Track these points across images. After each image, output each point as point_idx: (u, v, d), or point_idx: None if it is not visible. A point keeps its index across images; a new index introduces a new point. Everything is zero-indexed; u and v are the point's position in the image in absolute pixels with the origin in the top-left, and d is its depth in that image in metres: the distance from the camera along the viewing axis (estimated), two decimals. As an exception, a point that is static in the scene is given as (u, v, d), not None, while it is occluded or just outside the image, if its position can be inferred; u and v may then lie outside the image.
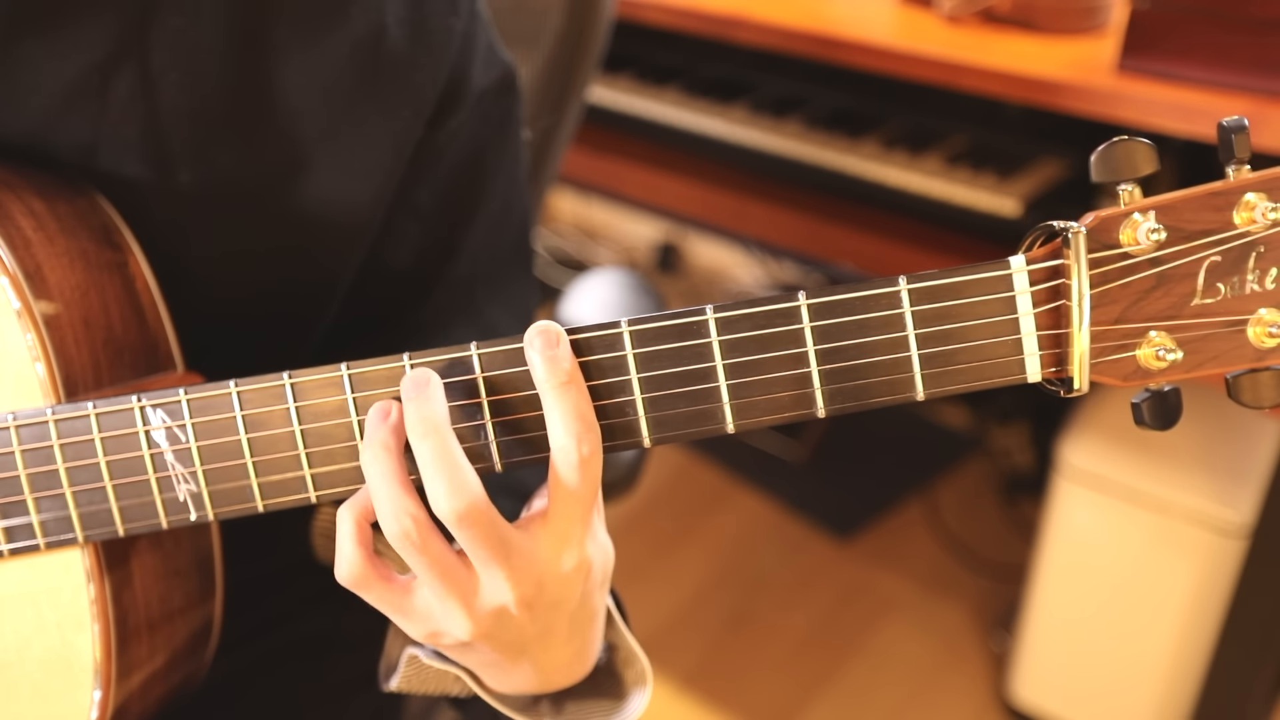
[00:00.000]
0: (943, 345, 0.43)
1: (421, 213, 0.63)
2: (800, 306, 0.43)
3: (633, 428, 0.45)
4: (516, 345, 0.44)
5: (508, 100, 0.65)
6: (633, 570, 1.77)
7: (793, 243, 1.34)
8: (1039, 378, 0.43)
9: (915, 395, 0.43)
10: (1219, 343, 0.42)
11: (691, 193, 1.41)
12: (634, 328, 0.44)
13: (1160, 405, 0.43)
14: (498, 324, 0.68)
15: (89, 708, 0.52)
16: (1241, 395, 0.43)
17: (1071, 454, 1.34)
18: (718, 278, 2.49)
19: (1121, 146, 0.41)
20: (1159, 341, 0.42)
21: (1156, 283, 0.41)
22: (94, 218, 0.54)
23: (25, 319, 0.49)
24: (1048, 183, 1.23)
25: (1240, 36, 0.99)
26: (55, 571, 0.51)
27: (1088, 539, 1.36)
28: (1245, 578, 1.20)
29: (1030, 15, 1.21)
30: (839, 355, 0.43)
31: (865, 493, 1.95)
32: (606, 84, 1.49)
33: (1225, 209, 0.41)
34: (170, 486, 0.48)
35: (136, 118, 0.54)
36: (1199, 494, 1.26)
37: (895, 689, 1.58)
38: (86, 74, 0.53)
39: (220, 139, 0.56)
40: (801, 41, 1.23)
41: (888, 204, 1.28)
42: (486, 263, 0.67)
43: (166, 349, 0.55)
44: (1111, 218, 0.41)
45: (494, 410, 0.45)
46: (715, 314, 0.43)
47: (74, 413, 0.48)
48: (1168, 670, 1.34)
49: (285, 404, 0.46)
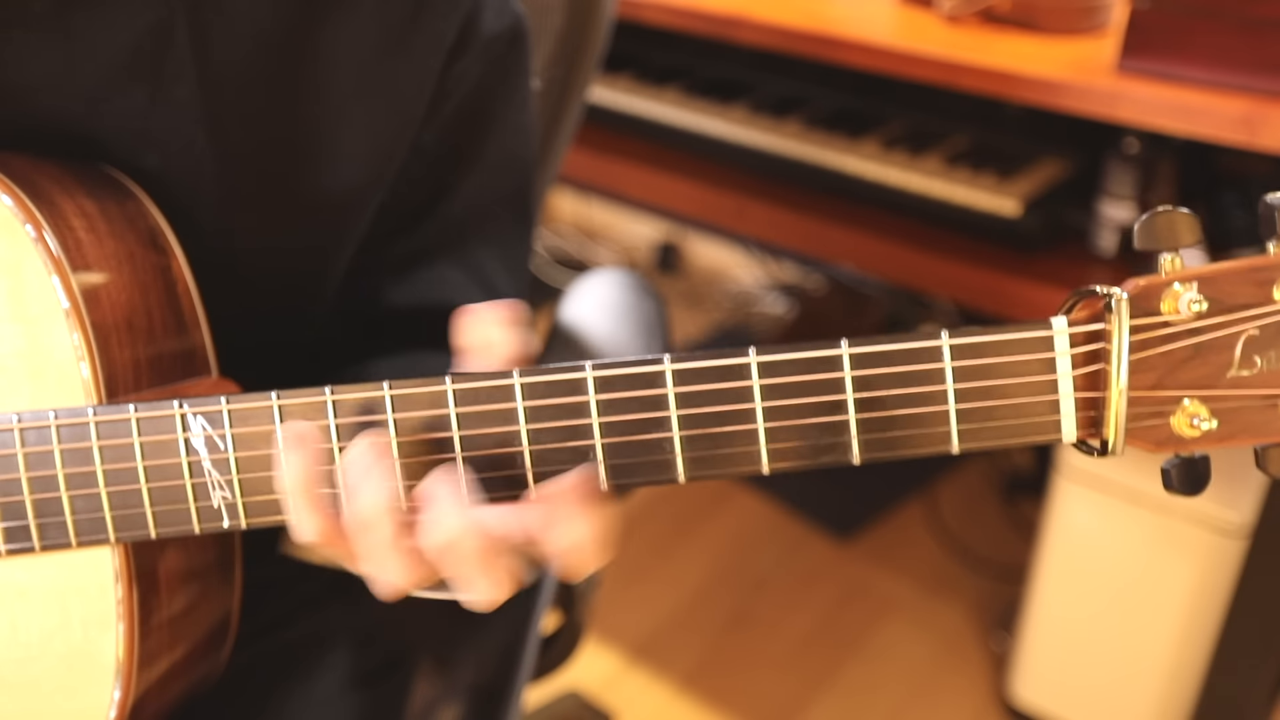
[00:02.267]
0: (981, 401, 0.43)
1: (424, 151, 0.65)
2: (842, 355, 0.43)
3: (669, 465, 0.45)
4: (557, 378, 0.44)
5: (517, 50, 0.66)
6: (633, 570, 1.77)
7: (793, 243, 1.34)
8: (1074, 439, 0.43)
9: (950, 449, 0.43)
10: (1252, 415, 0.42)
11: (691, 193, 1.41)
12: (676, 366, 0.44)
13: (1190, 472, 0.44)
14: (485, 266, 0.68)
15: (108, 706, 0.52)
16: (1270, 467, 0.44)
17: (1071, 454, 1.34)
18: (718, 278, 2.49)
19: (1164, 217, 0.41)
20: (1193, 410, 0.42)
21: (1194, 352, 0.42)
22: (141, 220, 0.55)
23: (73, 319, 0.50)
24: (1048, 183, 1.23)
25: (1240, 36, 0.99)
26: (83, 569, 0.51)
27: (1088, 539, 1.36)
28: (1245, 578, 1.20)
29: (1030, 15, 1.21)
30: (877, 405, 0.43)
31: (865, 493, 1.95)
32: (606, 84, 1.49)
33: (1266, 284, 0.41)
34: (205, 494, 0.48)
35: (187, 79, 0.55)
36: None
37: (895, 689, 1.58)
38: (140, 37, 0.54)
39: (264, 96, 0.57)
40: (801, 41, 1.23)
41: (888, 204, 1.28)
42: (482, 206, 0.68)
43: (203, 354, 0.56)
44: (1153, 286, 0.42)
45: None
46: (759, 357, 0.43)
47: (115, 415, 0.48)
48: (1168, 670, 1.34)
49: (325, 419, 0.46)
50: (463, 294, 0.67)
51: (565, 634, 0.92)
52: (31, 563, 0.52)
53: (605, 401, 0.44)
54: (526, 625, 0.88)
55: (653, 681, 1.58)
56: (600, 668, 1.58)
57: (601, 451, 0.45)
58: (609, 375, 0.44)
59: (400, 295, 0.67)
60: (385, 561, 0.44)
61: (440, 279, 0.67)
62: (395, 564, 0.44)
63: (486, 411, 0.45)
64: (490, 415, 0.45)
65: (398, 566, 0.44)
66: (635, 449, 0.45)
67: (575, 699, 1.53)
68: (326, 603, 0.71)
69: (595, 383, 0.44)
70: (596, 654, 1.60)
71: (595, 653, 1.60)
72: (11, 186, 0.50)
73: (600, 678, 1.57)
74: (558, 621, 0.93)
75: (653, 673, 1.59)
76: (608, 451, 0.45)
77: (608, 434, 0.45)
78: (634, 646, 1.62)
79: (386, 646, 0.74)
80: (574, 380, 0.44)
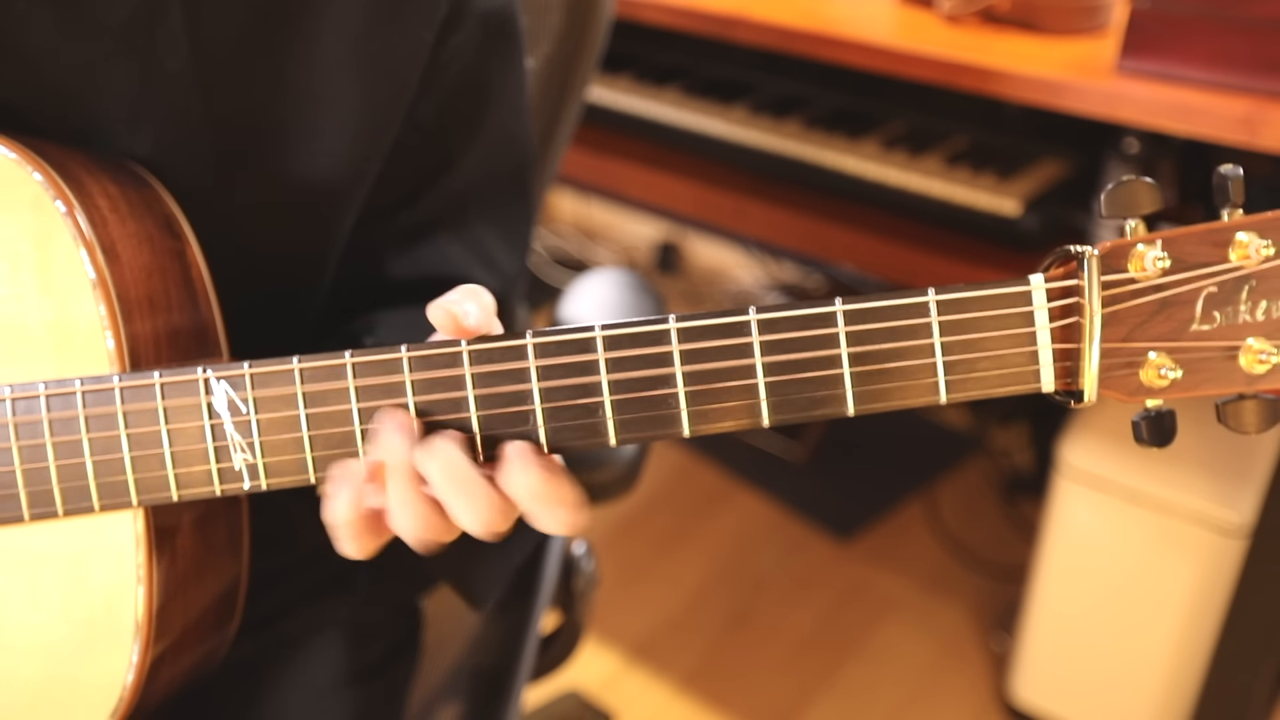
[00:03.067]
0: (965, 354, 0.46)
1: (422, 126, 0.66)
2: (836, 312, 0.46)
3: (674, 419, 0.47)
4: (569, 337, 0.46)
5: (510, 29, 0.68)
6: (633, 570, 1.77)
7: (793, 243, 1.34)
8: (1053, 387, 0.46)
9: (938, 399, 0.46)
10: (1214, 366, 0.46)
11: (691, 193, 1.41)
12: (680, 325, 0.46)
13: (1157, 425, 0.47)
14: (484, 240, 0.70)
15: (126, 669, 0.53)
16: (1228, 420, 0.47)
17: (1071, 454, 1.34)
18: (718, 278, 2.49)
19: (1126, 187, 0.45)
20: (1160, 361, 0.46)
21: (1159, 307, 0.45)
22: (158, 207, 0.57)
23: (99, 291, 0.52)
24: (1048, 183, 1.23)
25: (1240, 36, 0.99)
26: (105, 534, 0.53)
27: (1088, 539, 1.36)
28: (1245, 578, 1.20)
29: (1030, 15, 1.21)
30: (869, 359, 0.46)
31: (865, 493, 1.95)
32: (606, 84, 1.49)
33: (1222, 245, 0.45)
34: (227, 455, 0.50)
35: (180, 51, 0.57)
36: (1199, 494, 1.26)
37: (895, 689, 1.58)
38: (134, 10, 0.55)
39: (256, 67, 0.59)
40: (801, 41, 1.23)
41: (888, 204, 1.28)
42: (482, 182, 0.69)
43: (215, 336, 0.58)
44: (1121, 246, 0.45)
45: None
46: (758, 315, 0.46)
47: (140, 380, 0.50)
48: (1168, 670, 1.34)
49: (344, 381, 0.48)
50: (463, 268, 0.69)
51: (565, 634, 0.92)
52: (51, 528, 0.53)
53: (613, 360, 0.47)
54: (526, 625, 0.88)
55: (653, 681, 1.58)
56: (600, 668, 1.58)
57: (610, 408, 0.47)
58: (616, 334, 0.47)
59: (401, 267, 0.69)
60: (406, 509, 0.46)
61: (441, 253, 0.69)
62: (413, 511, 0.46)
63: (500, 371, 0.47)
64: (503, 374, 0.47)
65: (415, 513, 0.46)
66: (641, 404, 0.47)
67: (575, 699, 1.53)
68: (326, 595, 0.71)
69: (604, 341, 0.47)
70: (596, 654, 1.60)
71: (595, 653, 1.60)
72: (44, 165, 0.52)
73: (600, 678, 1.57)
74: (557, 621, 0.93)
75: (653, 673, 1.59)
76: (615, 407, 0.47)
77: (615, 391, 0.47)
78: (634, 646, 1.62)
79: (386, 640, 0.74)
80: (583, 339, 0.47)
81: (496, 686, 0.87)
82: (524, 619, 0.88)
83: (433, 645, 0.82)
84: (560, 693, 1.52)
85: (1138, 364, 0.46)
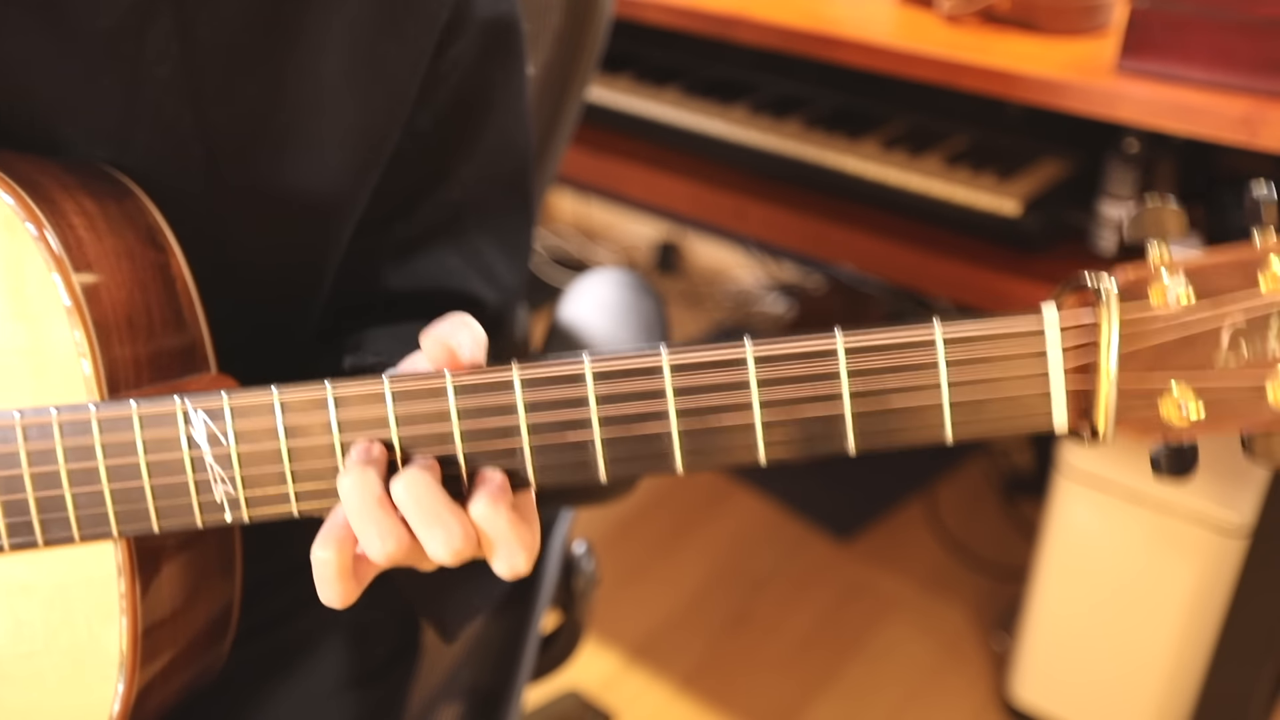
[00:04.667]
0: (973, 394, 0.44)
1: (419, 135, 0.65)
2: (837, 348, 0.44)
3: (667, 457, 0.45)
4: (557, 372, 0.46)
5: (511, 36, 0.66)
6: (633, 570, 1.77)
7: (792, 243, 1.34)
8: (1065, 428, 0.44)
9: (944, 439, 0.44)
10: (1239, 403, 0.43)
11: (691, 193, 1.41)
12: (674, 360, 0.44)
13: (1178, 459, 0.45)
14: (483, 252, 0.69)
15: (112, 700, 0.52)
16: (1256, 454, 0.44)
17: (1071, 454, 1.34)
18: (718, 278, 2.49)
19: (1152, 212, 0.43)
20: (1182, 399, 0.43)
21: (1182, 342, 0.43)
22: (140, 219, 0.55)
23: (75, 316, 0.50)
24: (1048, 183, 1.22)
25: (1240, 36, 0.99)
26: (87, 564, 0.52)
27: (1088, 539, 1.36)
28: (1245, 578, 1.20)
29: (1030, 15, 1.21)
30: (872, 397, 0.44)
31: (865, 493, 1.95)
32: (606, 84, 1.49)
33: (1251, 274, 0.42)
34: (207, 488, 0.49)
35: (171, 58, 0.56)
36: (1199, 494, 1.26)
37: (895, 689, 1.58)
38: (124, 16, 0.55)
39: (250, 76, 0.58)
40: (801, 41, 1.23)
41: (888, 204, 1.28)
42: (480, 192, 0.68)
43: (203, 350, 0.56)
44: (1142, 277, 0.43)
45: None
46: (755, 350, 0.44)
47: (117, 411, 0.49)
48: (1168, 670, 1.34)
49: (326, 414, 0.47)
50: (461, 280, 0.68)
51: (565, 634, 0.92)
52: (34, 558, 0.52)
53: (604, 394, 0.45)
54: (526, 625, 0.88)
55: (653, 681, 1.58)
56: (600, 668, 1.58)
57: (600, 445, 0.45)
58: (606, 369, 0.45)
59: (399, 280, 0.68)
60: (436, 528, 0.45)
61: (439, 265, 0.67)
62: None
63: (487, 405, 0.46)
64: (489, 409, 0.46)
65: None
66: (633, 443, 0.45)
67: (575, 699, 1.53)
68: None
69: (593, 376, 0.45)
70: (596, 654, 1.60)
71: (595, 653, 1.60)
72: (13, 186, 0.51)
73: (600, 678, 1.57)
74: (557, 621, 0.93)
75: (653, 673, 1.59)
76: (605, 445, 0.45)
77: (606, 427, 0.45)
78: (634, 646, 1.62)
79: (386, 642, 0.74)
80: (572, 374, 0.45)
81: (497, 687, 0.87)
82: (524, 619, 0.88)
83: (433, 646, 0.82)
84: (560, 693, 1.52)
85: (1157, 401, 0.43)
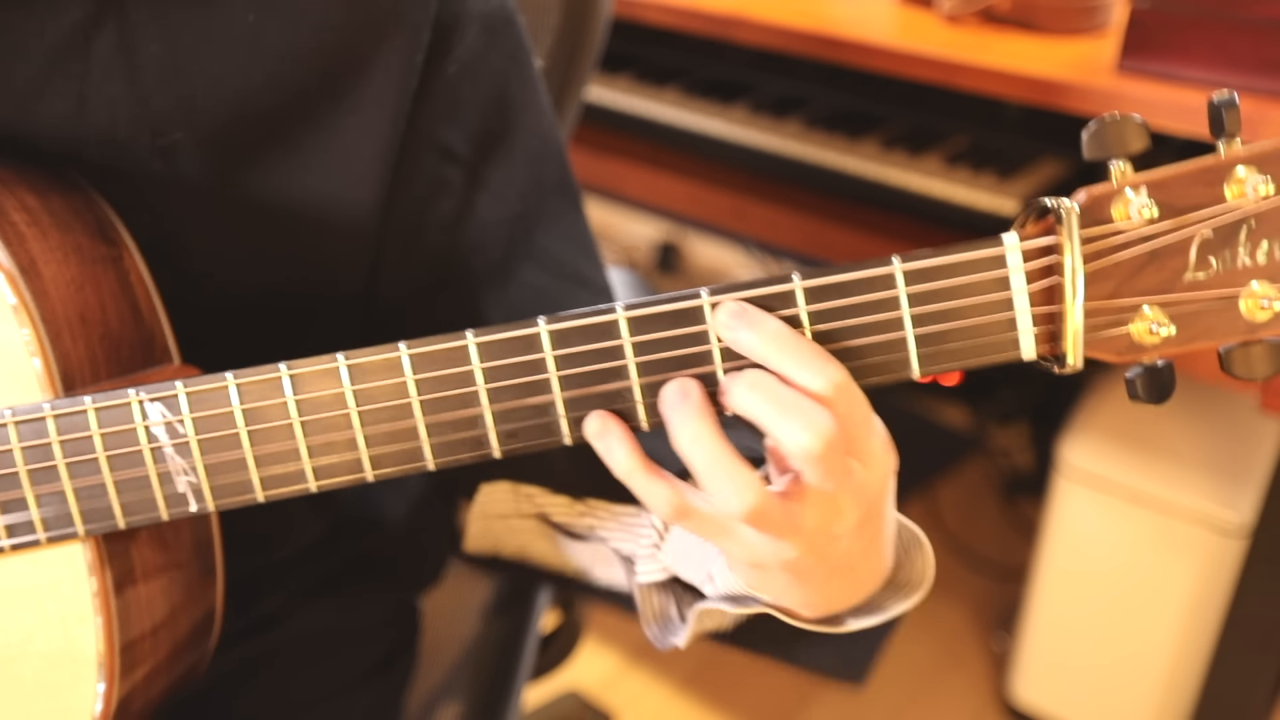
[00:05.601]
0: (937, 325, 0.43)
1: (455, 154, 0.62)
2: (795, 289, 0.43)
3: (631, 413, 0.45)
4: (510, 334, 0.45)
5: (513, 28, 0.64)
6: (633, 570, 1.76)
7: (793, 243, 1.34)
8: (1033, 355, 0.43)
9: (911, 374, 0.44)
10: (1212, 317, 0.42)
11: (691, 193, 1.41)
12: (630, 314, 0.44)
13: (1154, 380, 0.43)
14: (564, 259, 0.65)
15: (94, 701, 0.52)
16: (1234, 368, 0.43)
17: (1071, 454, 1.34)
18: (718, 278, 2.49)
19: (1112, 124, 0.41)
20: (1152, 316, 0.42)
21: (1149, 258, 0.42)
22: (89, 213, 0.54)
23: (22, 314, 0.49)
24: (1048, 183, 1.22)
25: (1240, 36, 0.99)
26: (56, 565, 0.51)
27: (1088, 539, 1.36)
28: (1245, 578, 1.20)
29: (1030, 15, 1.21)
30: (835, 337, 0.43)
31: (865, 493, 1.94)
32: (606, 84, 1.49)
33: (1216, 184, 0.41)
34: (170, 480, 0.48)
35: (120, 75, 0.53)
36: (1199, 494, 1.26)
37: (895, 689, 1.58)
38: (69, 34, 0.53)
39: (208, 93, 0.55)
40: (801, 41, 1.23)
41: (888, 204, 1.28)
42: (536, 198, 0.65)
43: (163, 342, 0.55)
44: (1104, 194, 0.42)
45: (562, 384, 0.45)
46: (710, 297, 0.43)
47: (72, 408, 0.48)
48: (1168, 670, 1.34)
49: (283, 396, 0.46)
50: (560, 297, 0.64)
51: (565, 633, 0.92)
52: (6, 562, 0.51)
53: (562, 356, 0.45)
54: (526, 625, 0.88)
55: (653, 681, 1.58)
56: (600, 668, 1.58)
57: (562, 404, 0.45)
58: (562, 329, 0.45)
59: (498, 315, 0.63)
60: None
61: (531, 288, 0.64)
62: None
63: (444, 376, 0.45)
64: (448, 379, 0.46)
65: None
66: (596, 400, 0.45)
67: (575, 699, 1.53)
68: (322, 599, 0.71)
69: (550, 336, 0.45)
70: (596, 654, 1.60)
71: (595, 653, 1.60)
72: None
73: (600, 678, 1.57)
74: (557, 621, 0.93)
75: (653, 673, 1.59)
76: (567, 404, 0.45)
77: (567, 387, 0.45)
78: (634, 646, 1.62)
79: (385, 641, 0.74)
80: (528, 336, 0.45)
81: (496, 686, 0.87)
82: (524, 619, 0.88)
83: (432, 645, 0.82)
84: (560, 693, 1.52)
85: (1126, 321, 0.42)
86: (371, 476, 0.47)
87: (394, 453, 0.47)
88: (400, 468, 0.47)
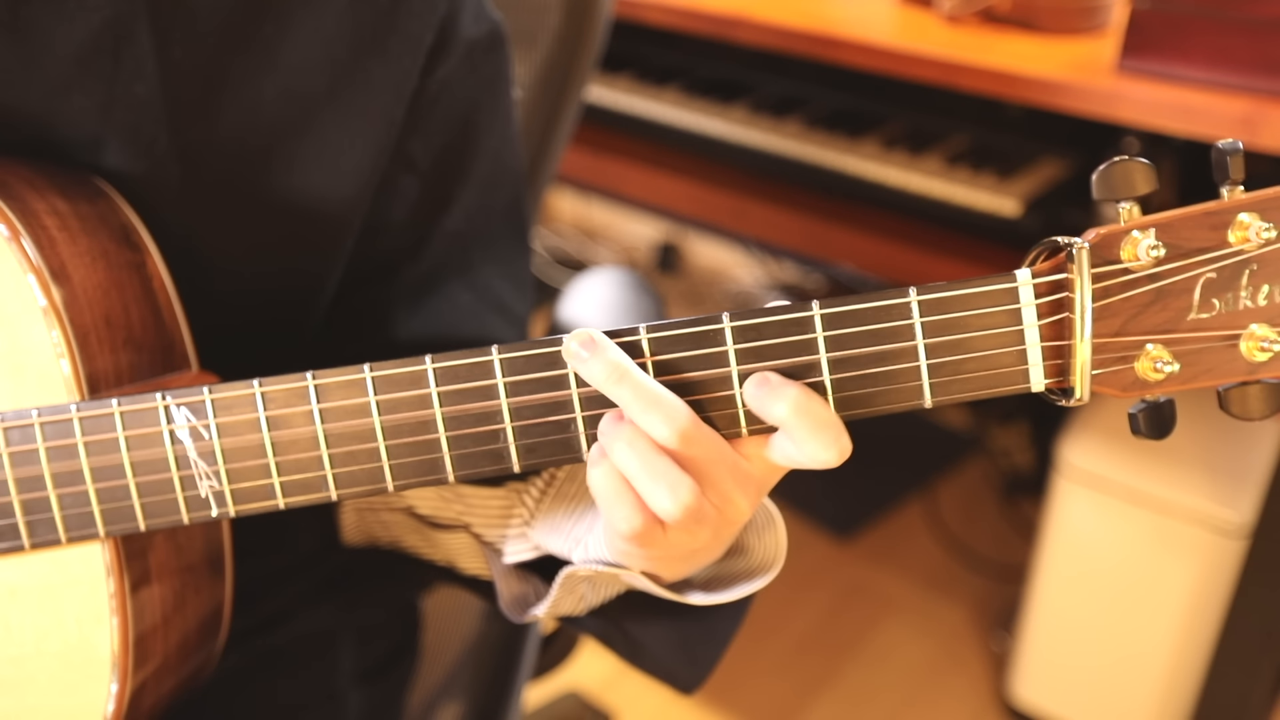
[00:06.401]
0: (950, 355, 0.44)
1: (415, 165, 0.64)
2: (814, 316, 0.44)
3: None
4: (535, 351, 0.46)
5: (497, 56, 0.65)
6: (633, 570, 1.76)
7: (793, 243, 1.34)
8: (1042, 387, 0.45)
9: (924, 403, 0.45)
10: (1213, 356, 0.44)
11: (691, 193, 1.41)
12: (651, 335, 0.45)
13: (1156, 416, 0.45)
14: (493, 285, 0.67)
15: (106, 700, 0.52)
16: (1231, 407, 0.44)
17: (1071, 454, 1.34)
18: (718, 278, 2.49)
19: (1120, 167, 0.43)
20: (1156, 354, 0.44)
21: (1155, 297, 0.43)
22: (114, 218, 0.55)
23: (51, 316, 0.50)
24: (1048, 183, 1.23)
25: (1240, 36, 0.99)
26: (75, 566, 0.51)
27: (1088, 539, 1.36)
28: (1245, 578, 1.20)
29: (1030, 15, 1.21)
30: (850, 364, 0.44)
31: (865, 493, 1.95)
32: (606, 84, 1.49)
33: (1220, 228, 0.43)
34: (192, 484, 0.49)
35: (147, 76, 0.55)
36: (1199, 494, 1.26)
37: (895, 689, 1.58)
38: (98, 33, 0.53)
39: (228, 96, 0.56)
40: (801, 41, 1.23)
41: (888, 204, 1.28)
42: (481, 219, 0.67)
43: (182, 349, 0.56)
44: (1113, 234, 0.43)
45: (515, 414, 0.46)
46: (731, 322, 0.44)
47: (98, 410, 0.48)
48: (1168, 670, 1.34)
49: (308, 404, 0.47)
50: (476, 320, 0.66)
51: (565, 633, 0.92)
52: (23, 561, 0.52)
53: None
54: (526, 624, 0.88)
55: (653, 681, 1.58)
56: (600, 668, 1.58)
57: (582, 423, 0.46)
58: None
59: (412, 326, 0.66)
60: None
61: (452, 304, 0.66)
62: None
63: (468, 389, 0.47)
64: (470, 393, 0.46)
65: None
66: (546, 429, 0.46)
67: (575, 699, 1.53)
68: (324, 599, 0.71)
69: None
70: (596, 654, 1.60)
71: (595, 653, 1.60)
72: None
73: (600, 678, 1.57)
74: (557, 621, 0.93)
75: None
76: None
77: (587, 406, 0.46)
78: (634, 646, 1.62)
79: (386, 641, 0.74)
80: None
81: (497, 686, 0.87)
82: (524, 619, 0.88)
83: (433, 645, 0.82)
84: (560, 693, 1.52)
85: (1132, 358, 0.44)
86: (392, 487, 0.48)
87: (415, 464, 0.47)
88: (421, 479, 0.48)
